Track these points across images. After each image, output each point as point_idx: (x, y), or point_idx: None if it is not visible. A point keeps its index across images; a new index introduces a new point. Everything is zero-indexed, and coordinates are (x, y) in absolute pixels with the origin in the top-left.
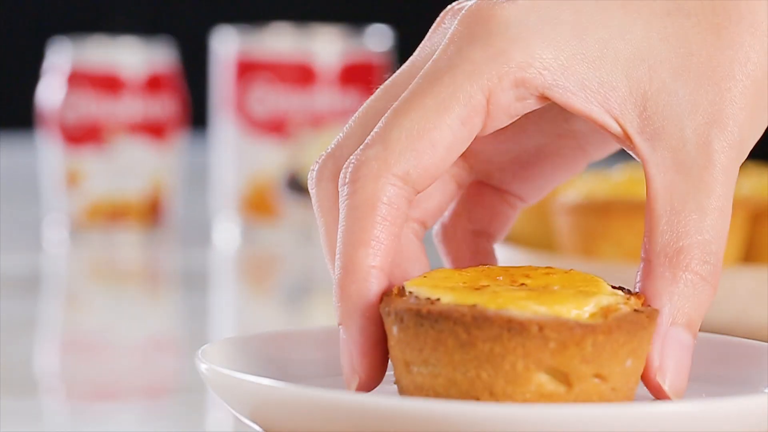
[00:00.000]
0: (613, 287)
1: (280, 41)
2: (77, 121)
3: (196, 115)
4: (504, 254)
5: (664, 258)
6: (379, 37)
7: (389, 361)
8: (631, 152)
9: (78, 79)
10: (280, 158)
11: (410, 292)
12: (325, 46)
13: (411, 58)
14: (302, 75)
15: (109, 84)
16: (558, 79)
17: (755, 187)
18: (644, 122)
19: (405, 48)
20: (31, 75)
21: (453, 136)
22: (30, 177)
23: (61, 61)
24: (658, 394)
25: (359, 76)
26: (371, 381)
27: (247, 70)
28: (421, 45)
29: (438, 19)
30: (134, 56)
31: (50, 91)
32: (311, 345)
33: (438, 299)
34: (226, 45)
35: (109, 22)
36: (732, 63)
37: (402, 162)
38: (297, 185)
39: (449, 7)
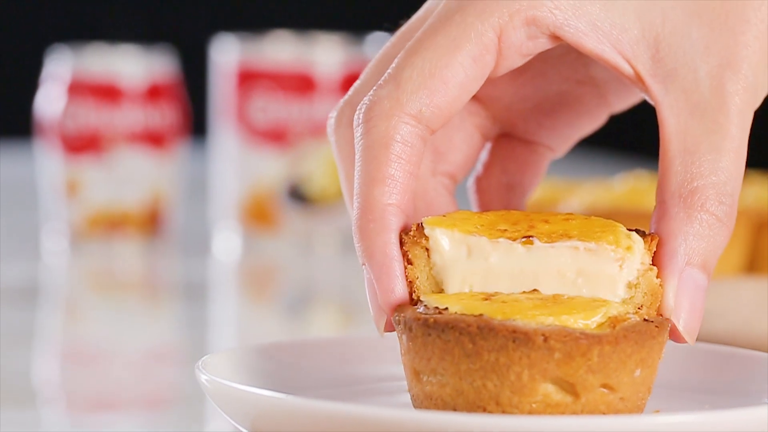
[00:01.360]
0: (629, 230)
1: (280, 50)
2: (77, 130)
3: (196, 125)
4: None
5: (678, 198)
6: (379, 45)
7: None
8: (644, 94)
9: (77, 88)
10: (281, 168)
11: (420, 300)
12: (326, 54)
13: (426, 4)
14: (303, 83)
15: (108, 93)
16: (569, 19)
17: (758, 197)
18: (656, 64)
19: None
20: (31, 83)
21: (465, 73)
22: (29, 186)
23: (60, 69)
24: (672, 335)
25: None
26: None
27: (248, 78)
28: None
29: None
30: (134, 65)
31: (50, 99)
32: (312, 356)
33: (446, 308)
34: (227, 53)
35: (109, 30)
36: (745, 7)
37: (414, 100)
38: (298, 195)
39: None
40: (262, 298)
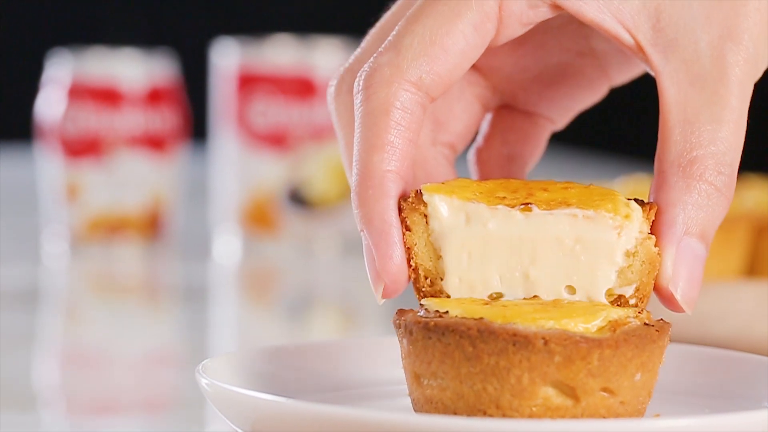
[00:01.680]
0: (628, 198)
1: (280, 53)
2: (77, 133)
3: (196, 128)
4: None
5: (677, 168)
6: None
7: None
8: (644, 65)
9: (78, 92)
10: (281, 171)
11: (421, 305)
12: (326, 57)
13: None
14: (303, 87)
15: (109, 96)
16: None
17: (758, 200)
18: (657, 34)
19: None
20: (31, 87)
21: (465, 41)
22: (29, 190)
23: (60, 73)
24: (670, 304)
25: None
26: (395, 285)
27: (248, 82)
28: None
29: None
30: (134, 69)
31: (50, 103)
32: (312, 359)
33: (446, 312)
34: (227, 57)
35: (110, 33)
36: None
37: (414, 67)
38: (298, 198)
39: None
40: (263, 302)
